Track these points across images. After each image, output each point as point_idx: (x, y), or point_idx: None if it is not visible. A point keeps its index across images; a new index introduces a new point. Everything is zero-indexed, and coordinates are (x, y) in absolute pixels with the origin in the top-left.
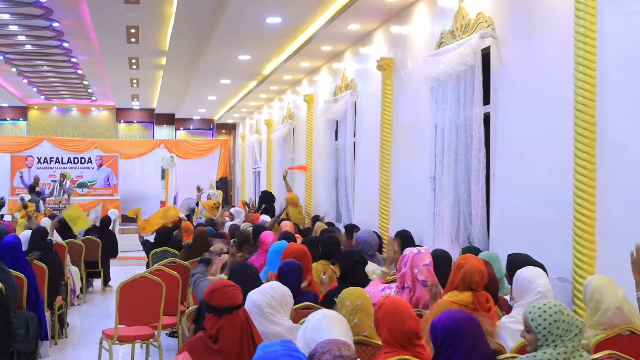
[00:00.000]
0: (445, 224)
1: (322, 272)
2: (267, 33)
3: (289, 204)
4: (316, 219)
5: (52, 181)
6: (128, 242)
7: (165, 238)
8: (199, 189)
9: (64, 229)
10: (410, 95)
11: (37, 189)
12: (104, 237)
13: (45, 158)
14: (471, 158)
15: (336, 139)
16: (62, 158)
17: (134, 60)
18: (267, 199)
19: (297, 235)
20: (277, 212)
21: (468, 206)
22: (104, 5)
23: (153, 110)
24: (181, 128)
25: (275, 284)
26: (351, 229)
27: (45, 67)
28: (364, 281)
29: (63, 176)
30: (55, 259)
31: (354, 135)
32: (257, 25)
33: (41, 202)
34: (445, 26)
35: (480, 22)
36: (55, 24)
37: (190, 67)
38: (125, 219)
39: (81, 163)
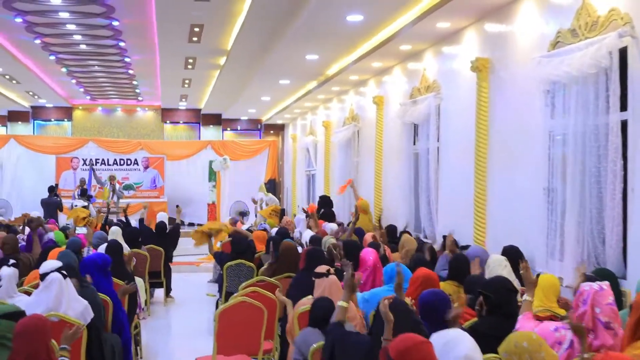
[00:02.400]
0: (568, 242)
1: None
2: (345, 31)
3: (359, 211)
4: (391, 228)
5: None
6: (179, 247)
7: (241, 251)
8: (254, 201)
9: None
10: (514, 99)
11: (89, 192)
12: (162, 243)
13: (91, 159)
14: (604, 170)
15: (414, 143)
16: (107, 159)
17: (191, 60)
18: (325, 203)
19: (386, 246)
20: (337, 217)
21: (598, 224)
22: (173, 3)
23: (199, 110)
24: (228, 129)
25: (454, 336)
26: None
27: (96, 67)
28: (515, 314)
29: (113, 178)
30: (129, 273)
31: (438, 140)
32: (337, 24)
33: (92, 207)
34: (563, 24)
35: (613, 19)
36: (115, 23)
37: (251, 68)
38: (174, 223)
39: (127, 165)
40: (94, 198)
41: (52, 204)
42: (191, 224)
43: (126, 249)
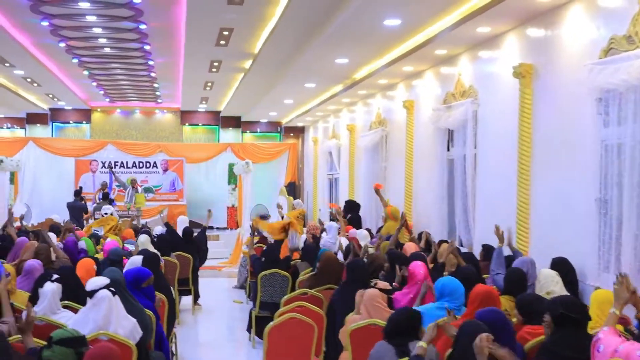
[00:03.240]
0: (625, 255)
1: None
2: (380, 36)
3: (389, 217)
4: (419, 236)
5: (117, 185)
6: None
7: (275, 260)
8: (279, 206)
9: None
10: (560, 106)
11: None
12: (189, 250)
13: (110, 162)
14: None
15: (448, 149)
16: (127, 162)
17: (216, 63)
18: (352, 208)
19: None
20: (363, 222)
21: None
22: (204, 6)
23: (219, 113)
24: (248, 131)
25: None
26: (489, 250)
27: (118, 69)
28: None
29: (134, 181)
30: (167, 285)
31: (475, 146)
32: (373, 28)
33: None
34: (617, 30)
35: None
36: (142, 26)
37: (278, 71)
38: (194, 226)
39: (146, 167)
40: (115, 202)
41: (77, 207)
42: (210, 228)
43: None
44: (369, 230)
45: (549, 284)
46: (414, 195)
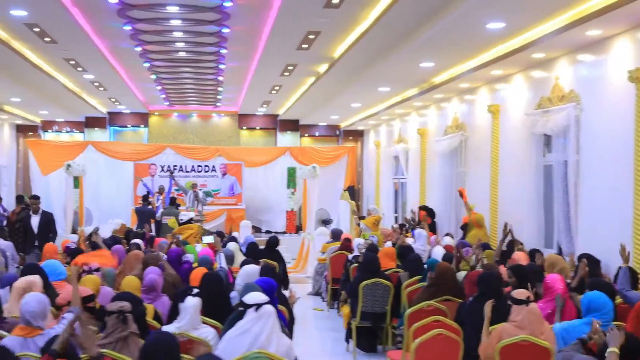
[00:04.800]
0: None
1: None
2: (480, 39)
3: (473, 225)
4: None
5: (176, 190)
6: None
7: (375, 270)
8: (354, 212)
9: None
10: None
11: (149, 199)
12: (273, 257)
13: (169, 166)
14: None
15: (543, 155)
16: (185, 166)
17: (290, 67)
18: (427, 214)
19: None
20: (438, 228)
21: None
22: (298, 9)
23: (277, 116)
24: (306, 135)
25: None
26: (593, 262)
27: (186, 73)
28: None
29: (195, 185)
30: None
31: (577, 152)
32: (476, 31)
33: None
34: None
35: None
36: (225, 30)
37: (354, 75)
38: (257, 231)
39: (205, 171)
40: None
41: (146, 213)
42: (268, 232)
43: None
44: (449, 234)
45: None
46: (499, 202)
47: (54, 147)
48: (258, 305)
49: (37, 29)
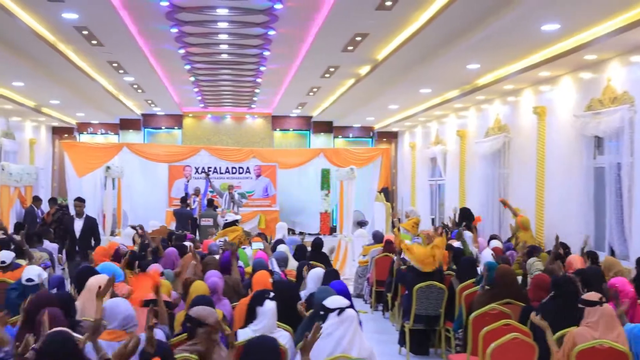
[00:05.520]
0: None
1: None
2: (533, 40)
3: (519, 227)
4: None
5: (210, 191)
6: None
7: (429, 272)
8: (393, 215)
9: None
10: None
11: (188, 200)
12: (319, 259)
13: (204, 168)
14: None
15: (594, 157)
16: (220, 168)
17: (332, 69)
18: (466, 216)
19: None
20: (481, 230)
21: None
22: (349, 11)
23: (310, 118)
24: (340, 136)
25: None
26: None
27: (226, 76)
28: None
29: (231, 187)
30: None
31: (631, 155)
32: (530, 32)
33: (219, 217)
34: None
35: None
36: (271, 32)
37: (397, 76)
38: (291, 232)
39: (239, 173)
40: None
41: (185, 215)
42: (302, 234)
43: (293, 266)
44: (495, 237)
45: None
46: (545, 204)
47: (90, 149)
48: (341, 309)
49: (85, 32)
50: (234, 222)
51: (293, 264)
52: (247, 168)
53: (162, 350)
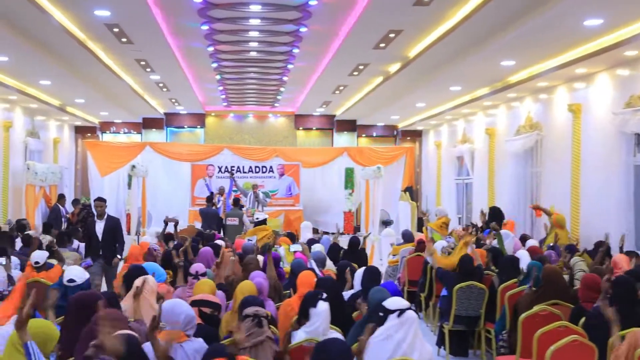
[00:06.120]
0: None
1: None
2: (575, 36)
3: (554, 226)
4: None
5: (234, 191)
6: None
7: (471, 272)
8: (424, 213)
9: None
10: None
11: (213, 200)
12: (356, 259)
13: (231, 167)
14: None
15: (634, 154)
16: (243, 167)
17: (361, 67)
18: (496, 215)
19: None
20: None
21: None
22: (386, 7)
23: (333, 116)
24: (363, 135)
25: None
26: None
27: (252, 73)
28: None
29: (255, 186)
30: None
31: None
32: (572, 28)
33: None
34: None
35: None
36: (302, 29)
37: (428, 74)
38: (314, 232)
39: (262, 172)
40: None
41: (211, 214)
42: (326, 233)
43: (330, 265)
44: (527, 237)
45: None
46: (581, 202)
47: (112, 148)
48: (401, 311)
49: (116, 29)
50: (264, 221)
51: (329, 263)
52: (271, 167)
53: None
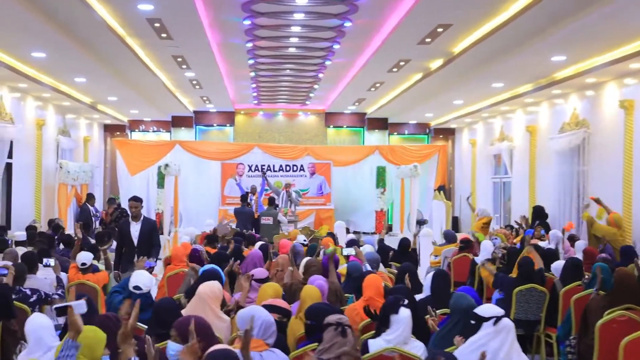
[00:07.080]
0: None
1: None
2: (633, 30)
3: (611, 224)
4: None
5: (266, 190)
6: None
7: (530, 275)
8: (473, 208)
9: None
10: None
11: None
12: (406, 260)
13: (263, 166)
14: None
15: None
16: (273, 165)
17: (402, 63)
18: (540, 214)
19: None
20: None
21: None
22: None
23: (364, 114)
24: (395, 133)
25: None
26: None
27: (288, 70)
28: None
29: (288, 185)
30: None
31: None
32: (630, 21)
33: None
34: None
35: None
36: (347, 24)
37: (472, 70)
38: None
39: (293, 171)
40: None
41: (246, 213)
42: (357, 233)
43: (381, 267)
44: (575, 237)
45: None
46: (633, 202)
47: (142, 146)
48: (497, 318)
49: (157, 24)
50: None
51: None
52: (301, 166)
53: None
